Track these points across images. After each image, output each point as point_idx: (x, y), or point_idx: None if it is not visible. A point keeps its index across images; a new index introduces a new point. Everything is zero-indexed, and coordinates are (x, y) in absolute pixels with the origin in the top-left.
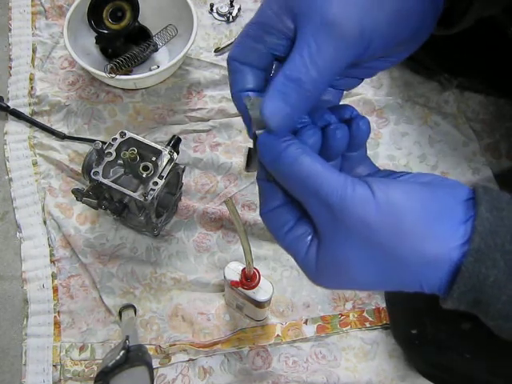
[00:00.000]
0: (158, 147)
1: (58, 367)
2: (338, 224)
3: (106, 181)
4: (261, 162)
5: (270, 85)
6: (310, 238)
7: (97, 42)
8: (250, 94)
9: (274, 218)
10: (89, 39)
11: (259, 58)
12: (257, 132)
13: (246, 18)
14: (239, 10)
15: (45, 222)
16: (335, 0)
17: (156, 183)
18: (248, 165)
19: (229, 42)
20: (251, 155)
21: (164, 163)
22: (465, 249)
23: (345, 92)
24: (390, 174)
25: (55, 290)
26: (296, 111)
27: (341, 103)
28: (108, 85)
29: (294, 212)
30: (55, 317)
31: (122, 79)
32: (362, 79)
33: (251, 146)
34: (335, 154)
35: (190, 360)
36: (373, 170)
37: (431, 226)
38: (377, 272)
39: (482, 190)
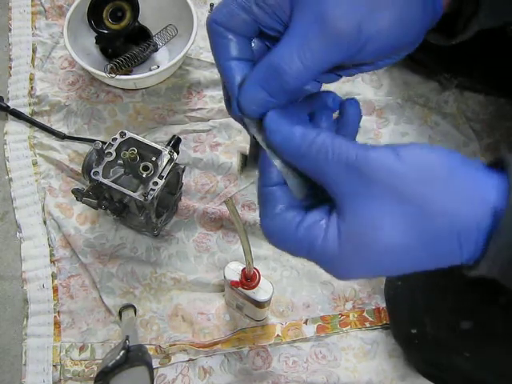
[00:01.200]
0: (158, 147)
1: (58, 367)
2: (363, 181)
3: (106, 181)
4: (268, 150)
5: (252, 70)
6: (325, 220)
7: (97, 42)
8: (236, 62)
9: (279, 221)
10: (89, 39)
11: (245, 27)
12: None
13: None
14: None
15: (45, 222)
16: None
17: (156, 183)
18: (243, 168)
19: None
20: (246, 158)
21: (164, 163)
22: (503, 204)
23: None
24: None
25: (55, 290)
26: (273, 100)
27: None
28: (108, 85)
29: (300, 210)
30: (55, 317)
31: (122, 79)
32: (341, 76)
33: (243, 149)
34: None
35: (190, 360)
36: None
37: (462, 167)
38: (409, 235)
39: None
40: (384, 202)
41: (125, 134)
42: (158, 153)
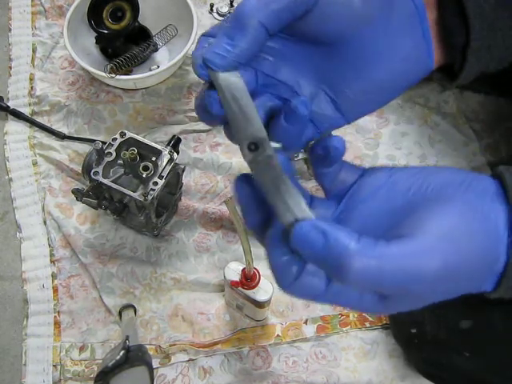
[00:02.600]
0: (158, 147)
1: (58, 367)
2: (404, 295)
3: (105, 181)
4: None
5: None
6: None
7: (97, 42)
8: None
9: (302, 286)
10: (89, 39)
11: None
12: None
13: None
14: None
15: (45, 222)
16: None
17: (156, 183)
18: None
19: None
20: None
21: (164, 163)
22: (507, 250)
23: None
24: (386, 181)
25: (55, 290)
26: (232, 42)
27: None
28: (108, 85)
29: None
30: (55, 317)
31: (122, 79)
32: (348, 121)
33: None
34: None
35: (190, 360)
36: (357, 173)
37: (487, 248)
38: (439, 299)
39: (509, 176)
40: (423, 300)
41: (125, 134)
42: (157, 153)
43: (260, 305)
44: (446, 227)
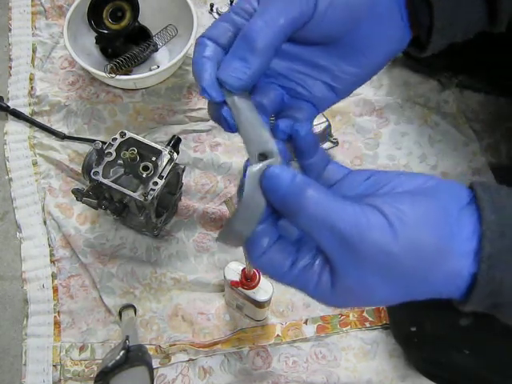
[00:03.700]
0: (158, 147)
1: (58, 367)
2: (356, 256)
3: (106, 181)
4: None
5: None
6: (318, 267)
7: (97, 42)
8: (209, 59)
9: (270, 259)
10: (89, 39)
11: (225, 35)
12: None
13: None
14: None
15: (45, 222)
16: None
17: (156, 183)
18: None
19: None
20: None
21: (164, 163)
22: (477, 256)
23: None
24: (369, 177)
25: (55, 290)
26: (247, 65)
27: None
28: (108, 85)
29: (289, 246)
30: (55, 317)
31: (122, 79)
32: (341, 98)
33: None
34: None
35: (190, 360)
36: (344, 172)
37: (446, 242)
38: (396, 292)
39: (481, 189)
40: (375, 273)
41: (125, 134)
42: (157, 153)
43: (260, 305)
44: (408, 207)
